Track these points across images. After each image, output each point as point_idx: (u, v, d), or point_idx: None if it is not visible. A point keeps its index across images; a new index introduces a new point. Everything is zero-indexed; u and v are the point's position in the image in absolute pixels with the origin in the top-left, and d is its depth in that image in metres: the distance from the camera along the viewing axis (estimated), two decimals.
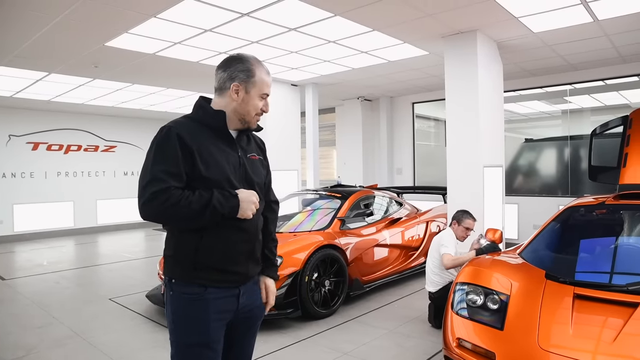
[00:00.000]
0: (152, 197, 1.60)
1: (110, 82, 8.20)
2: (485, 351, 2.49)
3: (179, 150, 1.67)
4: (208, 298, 1.73)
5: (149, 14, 4.87)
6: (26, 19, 4.87)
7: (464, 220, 4.45)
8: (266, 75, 1.86)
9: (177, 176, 1.66)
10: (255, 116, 1.86)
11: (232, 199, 1.69)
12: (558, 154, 8.61)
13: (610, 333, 2.30)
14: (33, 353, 3.93)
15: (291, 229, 5.44)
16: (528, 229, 7.92)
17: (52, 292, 5.97)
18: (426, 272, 4.54)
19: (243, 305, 1.85)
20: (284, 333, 4.29)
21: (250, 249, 1.85)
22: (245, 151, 1.90)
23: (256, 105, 1.84)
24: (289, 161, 8.75)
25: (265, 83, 1.85)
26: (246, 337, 1.96)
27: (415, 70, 7.89)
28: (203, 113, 1.82)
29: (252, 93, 1.82)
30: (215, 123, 1.79)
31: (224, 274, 1.77)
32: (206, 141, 1.75)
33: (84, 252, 9.48)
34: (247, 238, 1.82)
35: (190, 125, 1.76)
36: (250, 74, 1.81)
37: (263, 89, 1.84)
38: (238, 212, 1.70)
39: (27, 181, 10.94)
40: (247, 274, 1.85)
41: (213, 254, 1.74)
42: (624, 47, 6.39)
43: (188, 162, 1.68)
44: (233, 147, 1.84)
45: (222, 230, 1.74)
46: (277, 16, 5.11)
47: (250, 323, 1.95)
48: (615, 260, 3.09)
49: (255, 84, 1.81)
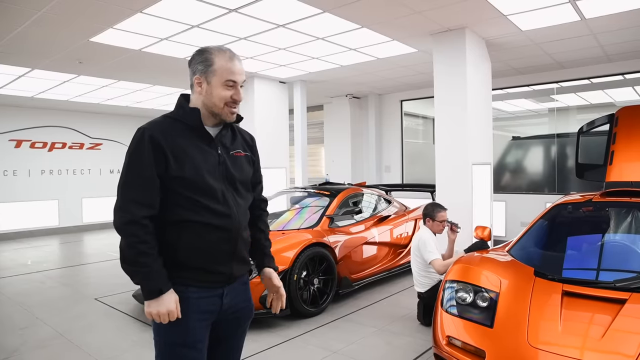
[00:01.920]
0: (122, 227, 1.65)
1: (96, 79, 8.07)
2: (475, 349, 2.49)
3: (151, 153, 1.65)
4: (189, 297, 1.71)
5: (135, 9, 4.79)
6: (6, 12, 4.75)
7: (437, 214, 4.42)
8: (228, 62, 1.75)
9: (147, 206, 1.66)
10: (226, 107, 1.76)
11: (154, 290, 1.64)
12: (545, 152, 8.69)
13: (599, 329, 2.31)
14: (15, 355, 3.85)
15: (279, 227, 5.41)
16: (515, 227, 7.99)
17: (36, 292, 5.86)
18: (413, 274, 4.52)
19: (228, 305, 1.82)
20: (272, 332, 4.26)
21: (232, 249, 1.80)
22: (228, 148, 1.84)
23: (221, 95, 1.74)
24: (277, 159, 8.71)
25: (228, 70, 1.74)
26: (235, 337, 1.94)
27: (403, 68, 7.90)
28: (182, 112, 1.78)
29: (214, 82, 1.74)
30: (191, 121, 1.75)
31: (205, 273, 1.75)
32: (183, 140, 1.72)
33: (69, 251, 9.34)
34: (228, 237, 1.77)
35: (167, 124, 1.74)
36: (208, 63, 1.74)
37: (226, 76, 1.74)
38: (147, 299, 1.65)
39: (10, 179, 10.73)
40: (231, 274, 1.81)
41: (193, 253, 1.72)
42: (610, 46, 6.46)
43: (161, 164, 1.67)
44: (211, 144, 1.79)
45: (201, 229, 1.72)
46: (265, 12, 5.06)
47: (238, 323, 1.92)
48: (603, 257, 3.12)
49: (215, 72, 1.73)
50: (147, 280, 1.64)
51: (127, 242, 1.63)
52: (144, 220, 1.64)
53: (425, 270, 4.34)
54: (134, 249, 1.62)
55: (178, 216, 1.71)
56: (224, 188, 1.78)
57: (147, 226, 1.65)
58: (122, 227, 1.64)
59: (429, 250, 4.23)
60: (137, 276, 1.66)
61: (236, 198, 1.82)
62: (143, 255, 1.62)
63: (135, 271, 1.65)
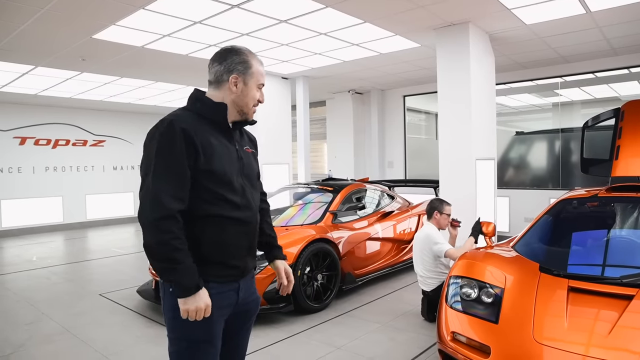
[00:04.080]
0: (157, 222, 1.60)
1: (98, 76, 8.07)
2: (479, 345, 2.48)
3: (183, 145, 1.65)
4: (210, 293, 1.70)
5: (137, 5, 4.78)
6: (9, 10, 4.75)
7: (444, 208, 4.44)
8: (261, 66, 1.87)
9: (181, 200, 1.65)
10: (253, 107, 1.88)
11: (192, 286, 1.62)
12: (549, 147, 8.65)
13: (606, 326, 2.29)
14: (21, 350, 3.87)
15: (283, 222, 5.41)
16: (519, 222, 7.97)
17: (41, 287, 5.89)
18: (418, 273, 4.47)
19: (241, 299, 1.85)
20: (276, 327, 4.27)
21: (250, 243, 1.87)
22: (241, 144, 1.91)
23: (254, 96, 1.85)
24: (280, 155, 8.70)
25: (261, 73, 1.87)
26: (241, 332, 1.96)
27: (406, 63, 7.86)
28: (201, 105, 1.80)
29: (250, 84, 1.82)
30: (215, 116, 1.79)
31: (224, 268, 1.78)
32: (209, 134, 1.75)
33: (74, 247, 9.37)
34: (247, 231, 1.83)
35: (191, 117, 1.75)
36: (247, 66, 1.81)
37: (260, 80, 1.85)
38: (184, 296, 1.62)
39: (14, 176, 10.77)
40: (245, 267, 1.86)
41: (215, 248, 1.74)
42: (616, 39, 6.40)
43: (192, 156, 1.67)
44: (231, 140, 1.84)
45: (224, 223, 1.75)
46: (268, 8, 5.04)
47: (246, 317, 1.94)
48: (608, 253, 3.10)
49: (253, 75, 1.82)
50: (183, 277, 1.61)
51: (161, 239, 1.60)
52: (178, 215, 1.63)
53: (433, 268, 4.30)
54: (168, 246, 1.59)
55: (203, 211, 1.72)
56: (243, 182, 1.83)
57: (180, 221, 1.64)
58: (156, 223, 1.60)
59: (439, 242, 4.22)
60: (172, 274, 1.62)
61: (252, 192, 1.89)
62: (178, 251, 1.60)
63: (171, 268, 1.62)
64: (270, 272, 4.34)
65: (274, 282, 4.34)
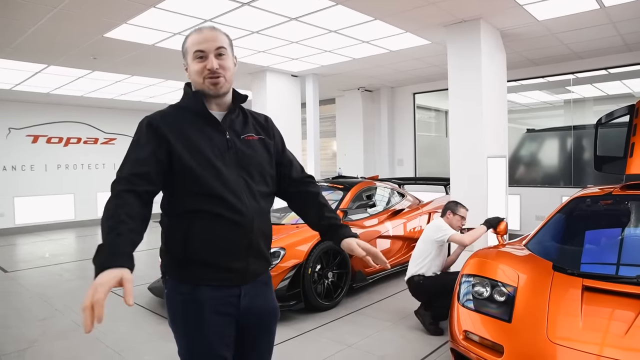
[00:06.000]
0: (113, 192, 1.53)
1: (110, 74, 8.12)
2: (492, 344, 2.46)
3: (150, 138, 1.59)
4: (201, 298, 1.59)
5: (148, 4, 4.80)
6: (24, 10, 4.80)
7: (459, 209, 4.35)
8: (195, 35, 1.68)
9: (145, 180, 1.55)
10: (205, 81, 1.65)
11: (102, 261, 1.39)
12: (561, 144, 8.56)
13: (622, 326, 2.26)
14: (36, 345, 3.92)
15: (293, 220, 5.40)
16: (531, 220, 7.91)
17: (54, 284, 5.96)
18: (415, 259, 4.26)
19: (247, 307, 1.68)
20: (287, 325, 4.28)
21: (248, 242, 1.65)
22: (238, 133, 1.72)
23: (196, 69, 1.66)
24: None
25: (194, 42, 1.66)
26: (261, 343, 1.79)
27: (416, 60, 7.81)
28: (187, 98, 1.73)
29: (189, 61, 1.69)
30: (194, 105, 1.68)
31: (217, 270, 1.61)
32: (188, 126, 1.64)
33: (85, 244, 9.46)
34: (241, 229, 1.63)
35: (170, 112, 1.68)
36: (185, 46, 1.71)
37: (193, 49, 1.66)
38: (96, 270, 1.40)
39: (27, 174, 10.90)
40: (246, 270, 1.66)
41: (202, 247, 1.59)
42: (630, 34, 6.31)
43: (162, 148, 1.58)
44: (219, 129, 1.68)
45: (211, 220, 1.59)
46: (278, 5, 5.03)
47: (264, 327, 1.78)
48: (623, 252, 3.05)
49: (187, 50, 1.69)
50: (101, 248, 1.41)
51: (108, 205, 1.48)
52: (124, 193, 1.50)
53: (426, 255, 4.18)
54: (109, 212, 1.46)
55: (186, 206, 1.60)
56: (235, 175, 1.64)
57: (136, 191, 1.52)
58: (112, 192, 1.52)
59: (444, 229, 4.11)
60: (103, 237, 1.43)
61: (250, 185, 1.68)
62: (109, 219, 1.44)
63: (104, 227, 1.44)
64: (280, 269, 4.35)
65: (284, 280, 4.35)
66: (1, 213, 10.51)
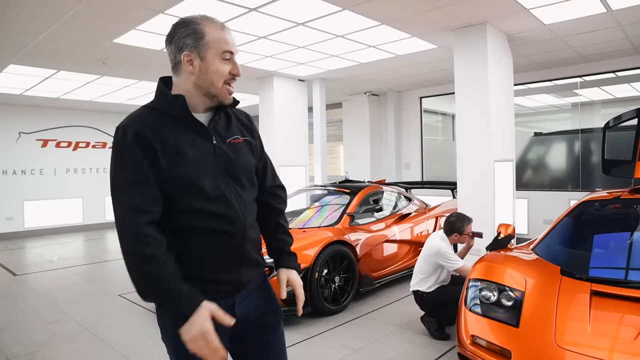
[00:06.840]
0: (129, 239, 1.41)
1: (118, 79, 8.21)
2: (500, 349, 2.45)
3: (139, 151, 1.40)
4: None
5: (157, 10, 4.85)
6: (35, 17, 4.87)
7: (466, 227, 4.11)
8: (220, 31, 1.51)
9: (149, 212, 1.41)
10: (225, 85, 1.51)
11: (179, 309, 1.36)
12: (568, 148, 8.51)
13: (631, 331, 2.24)
14: (44, 348, 3.95)
15: (300, 225, 5.42)
16: (538, 224, 7.86)
17: (62, 287, 6.01)
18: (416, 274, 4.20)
19: (243, 315, 1.59)
20: (294, 329, 4.28)
21: (239, 254, 1.56)
22: (223, 136, 1.57)
23: (220, 70, 1.49)
24: (297, 157, 8.73)
25: (222, 40, 1.49)
26: (269, 344, 1.71)
27: (423, 64, 7.82)
28: (164, 100, 1.52)
29: (209, 57, 1.47)
30: (175, 110, 1.48)
31: (208, 284, 1.50)
32: (170, 134, 1.45)
33: (93, 248, 9.53)
34: (233, 241, 1.53)
35: (149, 116, 1.49)
36: (199, 36, 1.48)
37: (222, 47, 1.48)
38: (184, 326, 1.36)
39: (36, 178, 11.01)
40: (239, 280, 1.58)
41: (195, 263, 1.49)
42: (638, 37, 6.28)
43: (153, 161, 1.42)
44: (204, 134, 1.52)
45: (202, 236, 1.49)
46: (285, 11, 5.07)
47: (269, 329, 1.70)
48: (632, 256, 3.03)
49: (209, 45, 1.47)
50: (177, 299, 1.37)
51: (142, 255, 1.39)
52: (146, 228, 1.38)
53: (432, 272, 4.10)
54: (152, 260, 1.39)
55: (175, 223, 1.47)
56: (225, 184, 1.52)
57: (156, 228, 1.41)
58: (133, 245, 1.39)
59: (451, 259, 3.95)
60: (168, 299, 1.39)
61: (240, 194, 1.56)
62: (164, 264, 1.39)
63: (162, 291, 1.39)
64: None
65: None
66: (11, 217, 10.62)
